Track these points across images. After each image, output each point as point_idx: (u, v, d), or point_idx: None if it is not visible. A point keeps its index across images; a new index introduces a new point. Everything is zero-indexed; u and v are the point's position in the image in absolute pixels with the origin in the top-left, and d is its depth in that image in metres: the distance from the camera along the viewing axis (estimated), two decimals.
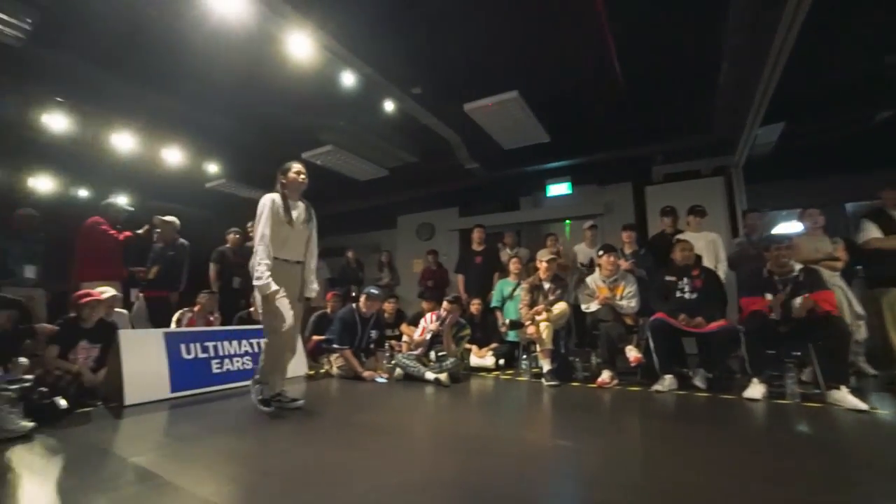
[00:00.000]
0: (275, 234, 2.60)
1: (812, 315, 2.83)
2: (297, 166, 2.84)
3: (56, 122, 4.63)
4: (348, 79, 4.16)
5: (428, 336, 4.04)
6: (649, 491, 1.52)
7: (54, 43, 3.67)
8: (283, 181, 2.77)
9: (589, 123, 5.81)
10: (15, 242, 4.08)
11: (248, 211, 6.64)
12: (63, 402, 2.50)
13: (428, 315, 4.22)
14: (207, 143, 5.76)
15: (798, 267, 3.08)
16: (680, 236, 4.11)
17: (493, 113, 4.46)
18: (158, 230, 4.80)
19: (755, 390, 2.87)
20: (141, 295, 4.80)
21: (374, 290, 4.24)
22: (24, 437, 2.13)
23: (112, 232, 4.39)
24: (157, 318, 4.52)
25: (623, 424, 2.60)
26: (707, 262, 3.90)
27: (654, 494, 1.49)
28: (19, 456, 1.92)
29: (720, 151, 5.48)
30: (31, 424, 2.20)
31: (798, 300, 2.89)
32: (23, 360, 3.08)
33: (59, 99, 4.50)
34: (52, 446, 2.05)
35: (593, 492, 1.57)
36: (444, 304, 4.13)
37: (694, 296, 3.42)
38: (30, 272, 4.10)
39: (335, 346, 4.08)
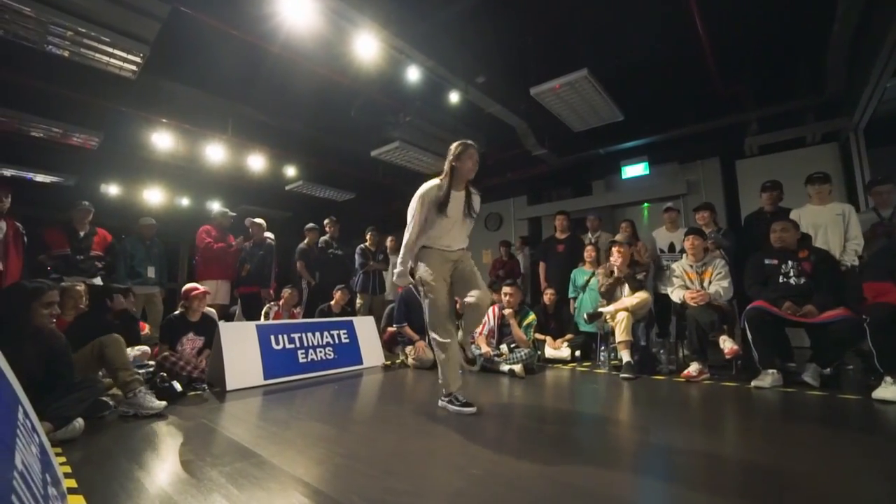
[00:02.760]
0: (430, 223, 2.43)
1: None
2: (473, 153, 2.48)
3: (163, 140, 5.25)
4: (412, 74, 4.22)
5: (492, 324, 3.97)
6: (752, 494, 1.37)
7: (158, 71, 4.15)
8: (456, 164, 2.43)
9: (667, 96, 5.34)
10: (139, 247, 4.73)
11: (324, 209, 7.06)
12: (178, 386, 2.85)
13: (490, 310, 4.13)
14: (286, 149, 6.20)
15: None
16: (798, 211, 3.58)
17: (562, 94, 4.24)
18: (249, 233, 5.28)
19: (889, 391, 2.45)
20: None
21: None
22: (158, 415, 2.45)
23: (209, 240, 4.94)
24: (251, 312, 4.98)
25: (714, 422, 2.36)
26: (834, 240, 3.36)
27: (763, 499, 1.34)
28: (151, 431, 2.22)
29: (831, 114, 4.73)
30: (163, 403, 2.53)
31: None
32: (145, 348, 3.56)
33: (164, 120, 5.11)
34: (173, 423, 2.35)
35: (682, 490, 1.44)
36: (504, 288, 4.01)
37: (802, 281, 3.00)
38: (151, 273, 4.73)
39: (395, 325, 4.29)
